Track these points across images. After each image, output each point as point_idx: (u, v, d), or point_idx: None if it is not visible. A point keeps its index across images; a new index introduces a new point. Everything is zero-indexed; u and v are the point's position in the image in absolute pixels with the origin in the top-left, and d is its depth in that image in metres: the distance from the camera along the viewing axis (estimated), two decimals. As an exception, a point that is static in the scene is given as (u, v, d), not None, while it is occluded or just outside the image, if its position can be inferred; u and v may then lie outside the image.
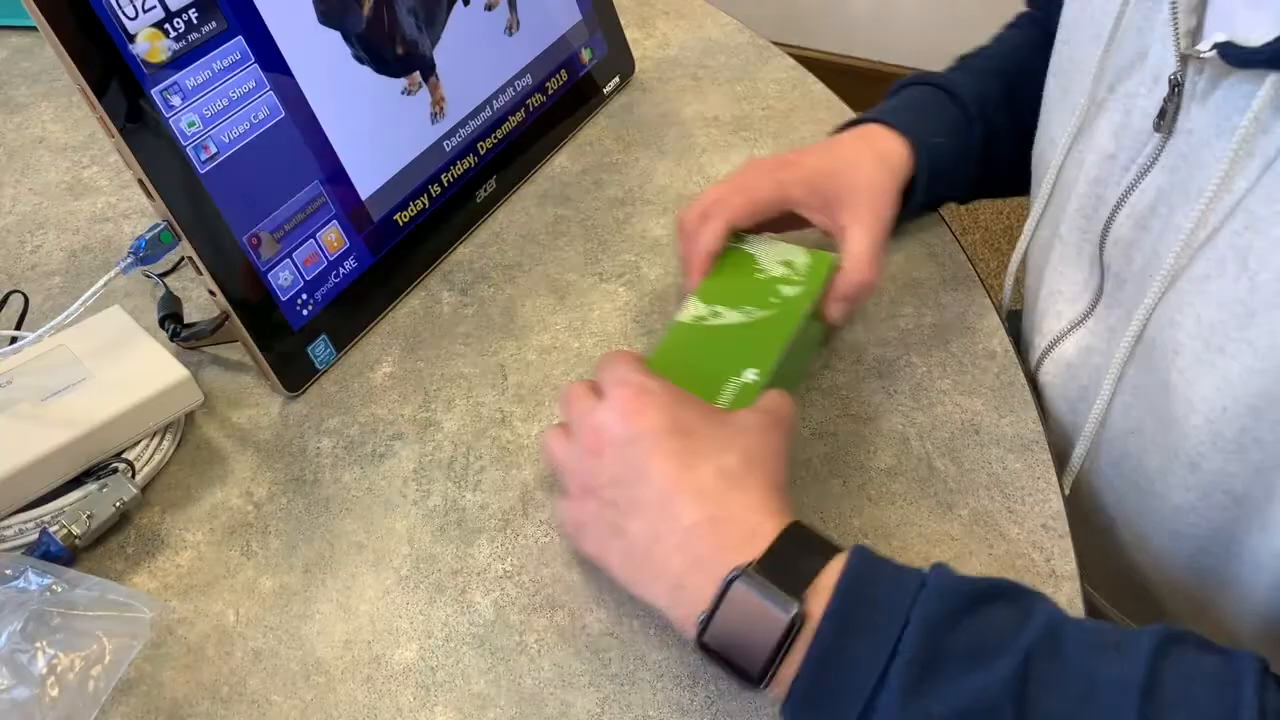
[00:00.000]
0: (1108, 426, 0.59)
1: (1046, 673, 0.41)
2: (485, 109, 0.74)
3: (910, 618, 0.42)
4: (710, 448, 0.48)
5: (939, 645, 0.42)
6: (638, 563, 0.48)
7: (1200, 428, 0.51)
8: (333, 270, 0.64)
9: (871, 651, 0.42)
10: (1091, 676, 0.41)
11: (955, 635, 0.42)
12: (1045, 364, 0.65)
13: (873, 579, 0.44)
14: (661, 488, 0.47)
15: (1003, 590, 0.44)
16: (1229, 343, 0.49)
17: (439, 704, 0.50)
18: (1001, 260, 1.92)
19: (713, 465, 0.47)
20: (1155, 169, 0.54)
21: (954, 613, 0.42)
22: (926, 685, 0.41)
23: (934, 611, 0.42)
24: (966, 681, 0.41)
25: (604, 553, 0.50)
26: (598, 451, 0.49)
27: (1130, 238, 0.56)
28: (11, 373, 0.58)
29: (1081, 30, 0.60)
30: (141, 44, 0.55)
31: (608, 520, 0.49)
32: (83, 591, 0.50)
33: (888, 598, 0.43)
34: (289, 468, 0.60)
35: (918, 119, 0.66)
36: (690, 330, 0.58)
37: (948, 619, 0.42)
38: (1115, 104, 0.57)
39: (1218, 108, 0.49)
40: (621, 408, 0.49)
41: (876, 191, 0.63)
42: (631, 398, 0.49)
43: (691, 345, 0.57)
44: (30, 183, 0.81)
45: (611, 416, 0.49)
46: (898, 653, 0.41)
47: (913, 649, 0.41)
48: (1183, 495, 0.55)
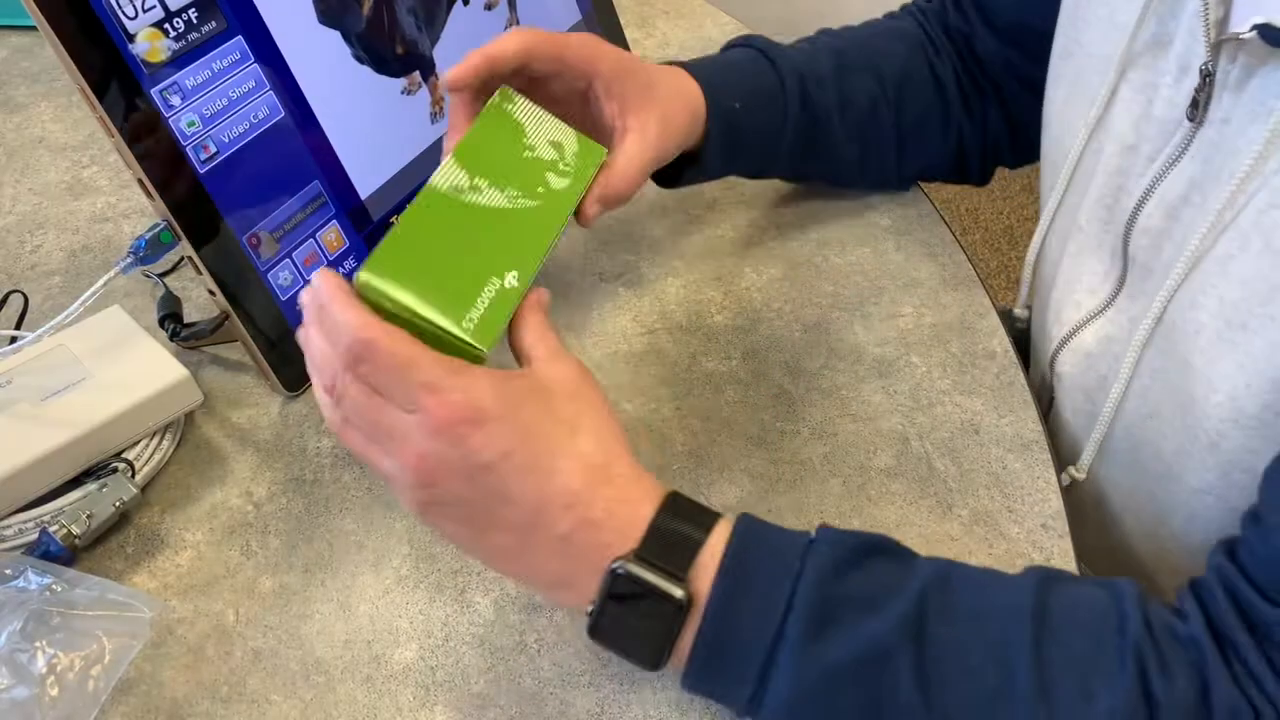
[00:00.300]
0: (1125, 412, 0.59)
1: (940, 609, 0.43)
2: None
3: (802, 572, 0.43)
4: (560, 438, 0.44)
5: (832, 596, 0.43)
6: (507, 563, 0.46)
7: (1222, 405, 0.51)
8: (333, 270, 0.64)
9: (766, 608, 0.43)
10: (983, 608, 0.44)
11: (847, 585, 0.44)
12: (1062, 354, 0.65)
13: (759, 542, 0.45)
14: (527, 506, 0.43)
15: (886, 546, 0.46)
16: (1251, 319, 0.49)
17: (439, 704, 0.50)
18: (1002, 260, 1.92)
19: (571, 461, 0.44)
20: (1185, 159, 0.54)
21: (843, 563, 0.44)
22: (826, 632, 0.42)
23: (824, 564, 0.44)
24: (864, 626, 0.43)
25: (467, 552, 0.48)
26: (430, 481, 0.42)
27: (1160, 228, 0.56)
28: (11, 372, 0.58)
29: (1092, 12, 0.59)
30: (141, 44, 0.55)
31: (461, 531, 0.45)
32: (82, 591, 0.50)
33: (777, 557, 0.44)
34: (289, 467, 0.60)
35: (723, 78, 0.64)
36: (445, 202, 0.49)
37: (837, 570, 0.44)
38: (1132, 94, 0.57)
39: (1253, 94, 0.49)
40: (453, 434, 0.41)
41: (669, 116, 0.59)
42: (462, 420, 0.41)
43: (445, 222, 0.48)
44: (30, 182, 0.81)
45: (442, 447, 0.42)
46: (792, 606, 0.43)
47: (807, 602, 0.43)
48: (1201, 477, 0.55)
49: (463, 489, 0.43)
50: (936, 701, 0.42)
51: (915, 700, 0.42)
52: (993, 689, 0.42)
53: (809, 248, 0.73)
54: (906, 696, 0.42)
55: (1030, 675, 0.42)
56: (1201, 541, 0.59)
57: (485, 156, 0.51)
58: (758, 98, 0.66)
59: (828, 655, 0.42)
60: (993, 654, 0.43)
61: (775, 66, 0.67)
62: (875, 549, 0.46)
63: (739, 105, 0.64)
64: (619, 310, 0.69)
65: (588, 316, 0.68)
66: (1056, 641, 0.43)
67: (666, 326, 0.68)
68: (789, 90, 0.67)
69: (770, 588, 0.43)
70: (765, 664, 0.43)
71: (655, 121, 0.58)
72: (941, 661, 0.43)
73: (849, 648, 0.42)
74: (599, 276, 0.71)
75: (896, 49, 0.71)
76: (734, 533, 0.45)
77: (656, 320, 0.68)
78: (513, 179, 0.51)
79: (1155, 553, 0.63)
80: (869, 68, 0.70)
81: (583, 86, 0.57)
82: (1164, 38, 0.55)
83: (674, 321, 0.68)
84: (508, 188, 0.50)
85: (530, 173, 0.52)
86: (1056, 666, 0.42)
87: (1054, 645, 0.43)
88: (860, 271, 0.71)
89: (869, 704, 0.43)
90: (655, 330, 0.67)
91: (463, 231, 0.48)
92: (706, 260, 0.72)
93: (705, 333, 0.67)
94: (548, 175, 0.52)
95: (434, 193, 0.49)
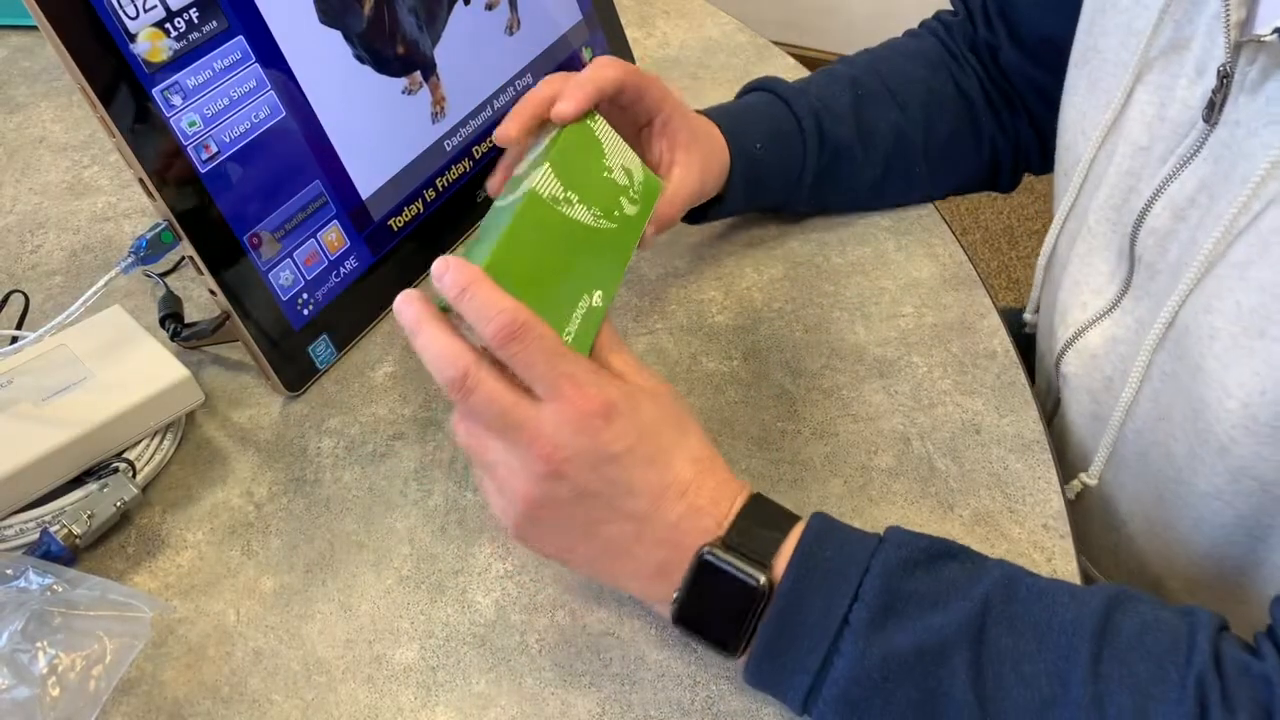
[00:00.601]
0: (1134, 415, 0.59)
1: (1003, 616, 0.44)
2: (486, 108, 0.74)
3: (870, 566, 0.45)
4: (673, 435, 0.48)
5: (898, 590, 0.45)
6: (612, 559, 0.48)
7: (1235, 412, 0.51)
8: (333, 270, 0.64)
9: (833, 598, 0.45)
10: (1047, 620, 0.44)
11: (914, 582, 0.45)
12: (1068, 355, 0.65)
13: (832, 537, 0.47)
14: (649, 497, 0.46)
15: (954, 550, 0.47)
16: (1270, 326, 0.49)
17: (440, 704, 0.50)
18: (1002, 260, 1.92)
19: (684, 456, 0.48)
20: (1197, 160, 0.54)
21: (912, 563, 0.46)
22: (889, 623, 0.44)
23: (892, 560, 0.45)
24: (927, 620, 0.44)
25: (565, 553, 0.48)
26: (560, 472, 0.44)
27: (1167, 228, 0.56)
28: (12, 372, 0.58)
29: (1110, 20, 0.59)
30: (142, 43, 0.55)
31: (574, 527, 0.47)
32: (83, 591, 0.50)
33: (847, 551, 0.46)
34: (290, 467, 0.60)
35: (744, 123, 0.68)
36: (545, 210, 0.50)
37: (906, 568, 0.45)
38: (1147, 96, 0.57)
39: (1268, 98, 0.49)
40: (589, 425, 0.44)
41: (708, 161, 0.64)
42: (597, 413, 0.44)
43: (545, 230, 0.49)
44: (31, 182, 0.81)
45: (576, 438, 0.44)
46: (859, 597, 0.45)
47: (874, 593, 0.44)
48: (1210, 481, 0.55)
49: (589, 480, 0.45)
50: (991, 705, 0.43)
51: (969, 699, 0.43)
52: (1046, 697, 0.43)
53: (810, 248, 0.73)
54: (962, 695, 0.43)
55: (1085, 688, 0.42)
56: (1209, 546, 0.58)
57: (575, 172, 0.52)
58: (776, 139, 0.68)
59: (889, 643, 0.44)
60: (1050, 665, 0.43)
61: (791, 108, 0.69)
62: (944, 553, 0.47)
63: (759, 147, 0.67)
64: (620, 310, 0.69)
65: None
66: (1118, 660, 0.43)
67: (667, 326, 0.68)
68: (806, 129, 0.69)
69: (839, 579, 0.45)
70: (829, 650, 0.44)
71: (697, 162, 0.62)
72: (999, 665, 0.43)
73: (910, 639, 0.44)
74: (600, 276, 0.71)
75: (917, 72, 0.72)
76: (809, 527, 0.47)
77: (657, 320, 0.68)
78: (596, 199, 0.53)
79: (1162, 556, 0.63)
80: (888, 94, 0.71)
81: (643, 122, 0.62)
82: (1181, 41, 0.55)
83: (675, 321, 0.68)
84: (592, 206, 0.52)
85: (609, 195, 0.54)
86: (1114, 683, 0.42)
87: (1115, 663, 0.43)
88: (861, 271, 0.71)
89: (924, 698, 0.44)
90: (656, 330, 0.67)
91: (559, 243, 0.50)
92: (707, 260, 0.72)
93: (706, 333, 0.67)
94: (621, 200, 0.54)
95: (537, 199, 0.50)
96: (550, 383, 0.44)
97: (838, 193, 0.72)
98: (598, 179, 0.53)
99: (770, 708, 0.49)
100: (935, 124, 0.72)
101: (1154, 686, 0.42)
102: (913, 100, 0.71)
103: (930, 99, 0.71)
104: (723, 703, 0.49)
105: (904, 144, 0.71)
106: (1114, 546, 0.66)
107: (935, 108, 0.72)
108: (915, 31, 0.77)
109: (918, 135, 0.71)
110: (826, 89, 0.71)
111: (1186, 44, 0.55)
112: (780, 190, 0.70)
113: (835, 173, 0.70)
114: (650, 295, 0.70)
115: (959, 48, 0.74)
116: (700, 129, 0.64)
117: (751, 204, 0.70)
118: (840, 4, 2.18)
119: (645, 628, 0.52)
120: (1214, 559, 0.59)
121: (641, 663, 0.51)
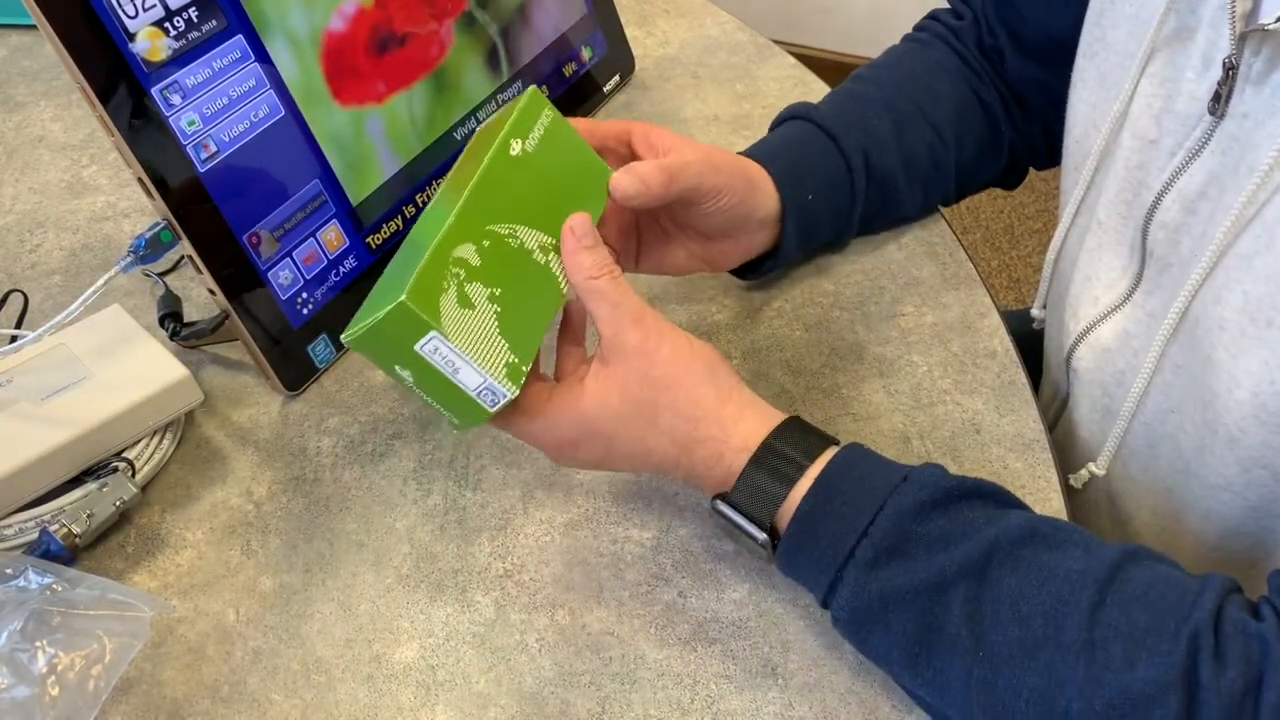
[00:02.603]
0: (1144, 408, 0.59)
1: (1009, 558, 0.45)
2: (491, 103, 0.74)
3: (885, 505, 0.47)
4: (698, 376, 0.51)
5: (908, 532, 0.46)
6: (652, 468, 0.52)
7: (1245, 402, 0.51)
8: (333, 269, 0.64)
9: (844, 530, 0.47)
10: (1055, 564, 0.45)
11: (926, 525, 0.47)
12: (1080, 349, 0.65)
13: (860, 467, 0.49)
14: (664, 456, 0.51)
15: (986, 491, 0.49)
16: (1278, 315, 0.49)
17: (440, 703, 0.50)
18: (1003, 260, 1.92)
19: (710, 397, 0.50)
20: (1205, 153, 0.54)
21: (929, 504, 0.47)
22: (891, 561, 0.46)
23: (908, 501, 0.47)
24: (929, 560, 0.46)
25: (602, 467, 0.53)
26: (571, 443, 0.51)
27: (1178, 221, 0.56)
28: (11, 372, 0.58)
29: (1119, 11, 0.59)
30: (141, 42, 0.54)
31: (611, 457, 0.52)
32: (83, 591, 0.50)
33: (867, 486, 0.48)
34: (289, 467, 0.60)
35: (795, 175, 0.65)
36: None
37: (921, 509, 0.47)
38: (1154, 88, 0.57)
39: (1274, 88, 0.49)
40: (567, 455, 0.52)
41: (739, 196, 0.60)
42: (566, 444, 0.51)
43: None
44: (30, 181, 0.81)
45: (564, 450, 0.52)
46: (867, 534, 0.47)
47: (882, 533, 0.46)
48: (1220, 473, 0.55)
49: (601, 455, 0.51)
50: (984, 639, 0.44)
51: (963, 633, 0.45)
52: (1039, 637, 0.44)
53: (810, 247, 0.73)
54: (955, 629, 0.45)
55: (1079, 631, 0.43)
56: (1218, 537, 0.58)
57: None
58: (828, 185, 0.66)
59: (888, 581, 0.46)
60: (1047, 606, 0.44)
61: (839, 145, 0.67)
62: (972, 492, 0.48)
63: (811, 198, 0.65)
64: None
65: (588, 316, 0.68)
66: (1120, 608, 0.43)
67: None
68: (854, 168, 0.67)
69: (853, 511, 0.47)
70: (834, 578, 0.47)
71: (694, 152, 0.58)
72: (996, 603, 0.45)
73: (908, 578, 0.46)
74: (599, 276, 0.71)
75: (943, 88, 0.71)
76: (837, 455, 0.49)
77: (657, 319, 0.68)
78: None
79: (1171, 548, 0.63)
80: (923, 116, 0.70)
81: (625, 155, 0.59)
82: (1186, 31, 0.55)
83: (675, 320, 0.67)
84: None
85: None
86: (1109, 630, 0.43)
87: (1113, 610, 0.43)
88: (861, 270, 0.71)
89: (920, 630, 0.46)
90: (656, 329, 0.67)
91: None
92: (707, 259, 0.72)
93: (706, 332, 0.67)
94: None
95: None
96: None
97: (882, 220, 0.72)
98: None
99: (770, 707, 0.49)
100: (965, 140, 0.71)
101: (1149, 637, 0.42)
102: (943, 119, 0.70)
103: (958, 115, 0.71)
104: (723, 702, 0.49)
105: (939, 164, 0.71)
106: (1122, 539, 0.66)
107: (963, 124, 0.71)
108: (922, 38, 0.76)
109: (950, 154, 0.71)
110: (866, 118, 0.68)
111: (1192, 35, 0.55)
112: (831, 231, 0.69)
113: (880, 203, 0.69)
114: (650, 295, 0.70)
115: (971, 53, 0.73)
116: (738, 163, 0.61)
117: (806, 249, 0.69)
118: (840, 3, 2.18)
119: (645, 628, 0.52)
120: (1224, 550, 0.59)
121: (641, 662, 0.51)
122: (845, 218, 0.68)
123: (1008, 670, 0.44)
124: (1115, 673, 0.42)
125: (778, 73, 0.89)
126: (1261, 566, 0.58)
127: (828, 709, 0.49)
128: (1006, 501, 0.49)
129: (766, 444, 0.49)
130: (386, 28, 0.65)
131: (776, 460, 0.49)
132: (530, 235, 0.51)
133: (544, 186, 0.52)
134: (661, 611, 0.53)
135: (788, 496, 0.49)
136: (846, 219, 0.68)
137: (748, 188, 0.61)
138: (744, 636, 0.52)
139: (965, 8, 0.75)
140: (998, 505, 0.48)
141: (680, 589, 0.54)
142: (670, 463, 0.51)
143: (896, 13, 2.14)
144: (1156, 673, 0.42)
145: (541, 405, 0.50)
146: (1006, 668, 0.44)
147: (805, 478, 0.49)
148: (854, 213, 0.68)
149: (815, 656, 0.51)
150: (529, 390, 0.50)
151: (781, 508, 0.49)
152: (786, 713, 0.49)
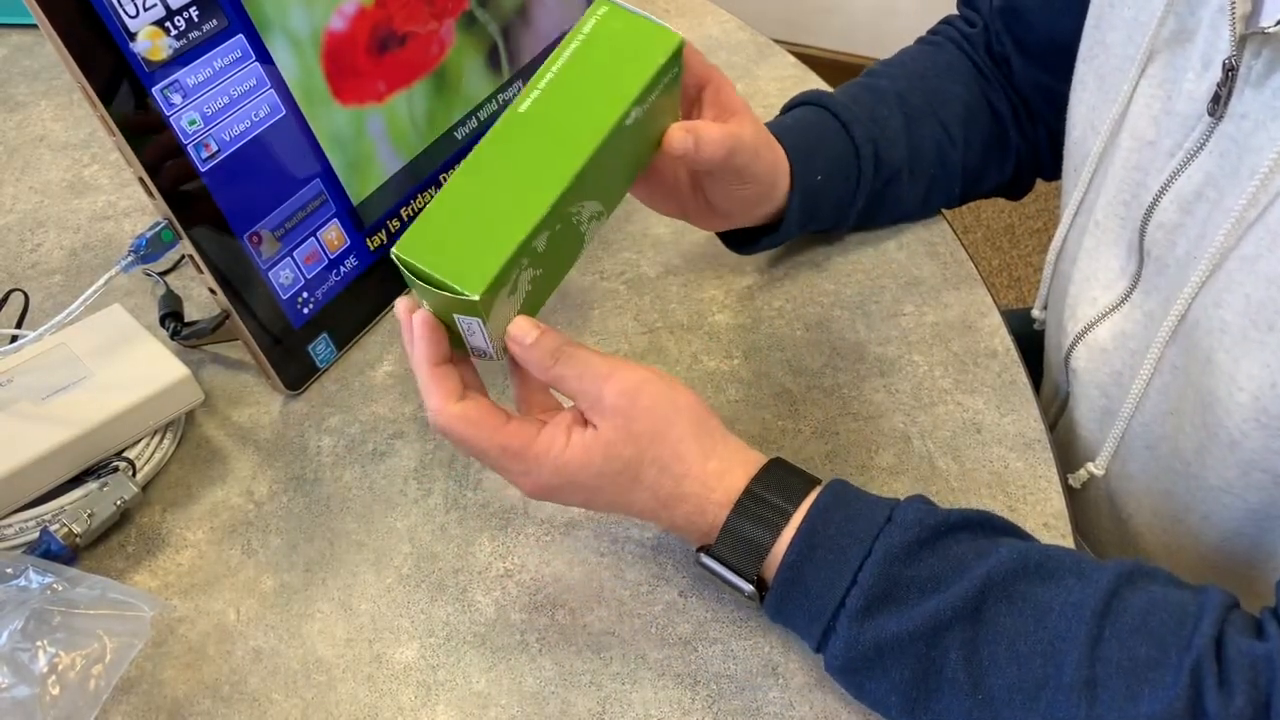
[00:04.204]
0: (1143, 409, 0.59)
1: (1004, 594, 0.45)
2: (491, 102, 0.74)
3: (872, 550, 0.46)
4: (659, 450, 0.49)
5: (898, 577, 0.46)
6: (635, 513, 0.51)
7: (1245, 405, 0.51)
8: (333, 268, 0.64)
9: (833, 579, 0.46)
10: (1051, 598, 0.45)
11: (915, 567, 0.46)
12: (1078, 349, 0.65)
13: (843, 509, 0.48)
14: (645, 508, 0.50)
15: (973, 522, 0.48)
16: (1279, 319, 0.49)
17: (440, 703, 0.50)
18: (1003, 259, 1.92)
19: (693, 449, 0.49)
20: (1203, 154, 0.54)
21: (917, 544, 0.46)
22: (884, 609, 0.45)
23: (895, 544, 0.46)
24: (923, 605, 0.45)
25: (585, 505, 0.52)
26: (551, 489, 0.49)
27: (1175, 222, 0.56)
28: (12, 371, 0.58)
29: (1117, 14, 0.59)
30: (142, 42, 0.54)
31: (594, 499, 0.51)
32: (83, 590, 0.50)
33: (852, 530, 0.47)
34: (290, 466, 0.60)
35: (807, 153, 0.65)
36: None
37: (909, 551, 0.46)
38: (1153, 89, 0.57)
39: (1274, 91, 0.49)
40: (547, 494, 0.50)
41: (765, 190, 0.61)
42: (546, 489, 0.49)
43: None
44: (31, 181, 0.81)
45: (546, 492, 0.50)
46: (856, 582, 0.46)
47: (871, 579, 0.46)
48: (1220, 475, 0.55)
49: (578, 496, 0.50)
50: (982, 682, 0.44)
51: (961, 678, 0.44)
52: (1039, 677, 0.43)
53: (810, 246, 0.73)
54: (953, 673, 0.45)
55: (1078, 669, 0.42)
56: (1218, 539, 0.58)
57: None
58: (836, 169, 0.66)
59: (882, 629, 0.45)
60: (1045, 645, 0.43)
61: (849, 133, 0.67)
62: (958, 525, 0.47)
63: (819, 179, 0.65)
64: (620, 309, 0.69)
65: (588, 315, 0.68)
66: (1116, 641, 0.43)
67: (668, 325, 0.68)
68: (863, 157, 0.67)
69: (840, 560, 0.46)
70: (826, 627, 0.47)
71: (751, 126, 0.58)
72: (993, 644, 0.44)
73: (903, 624, 0.45)
74: (600, 275, 0.71)
75: (955, 89, 0.71)
76: (821, 495, 0.48)
77: (658, 319, 0.68)
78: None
79: (1170, 549, 0.63)
80: (933, 114, 0.70)
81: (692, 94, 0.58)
82: (1186, 33, 0.55)
83: (675, 320, 0.68)
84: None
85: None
86: (1109, 665, 0.42)
87: (1112, 644, 0.43)
88: (861, 270, 0.71)
89: (917, 676, 0.45)
90: (656, 329, 0.67)
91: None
92: (708, 259, 0.72)
93: (706, 331, 0.67)
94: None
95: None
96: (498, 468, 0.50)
97: (883, 214, 0.72)
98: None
99: (770, 707, 0.49)
100: (972, 142, 0.71)
101: (1150, 671, 0.42)
102: (953, 119, 0.70)
103: (968, 117, 0.71)
104: (723, 702, 0.49)
105: (946, 163, 0.71)
106: (1121, 540, 0.66)
107: (972, 126, 0.71)
108: (936, 41, 0.76)
109: (957, 154, 0.71)
110: (879, 110, 0.69)
111: (1191, 36, 0.55)
112: (830, 218, 0.69)
113: (884, 197, 0.69)
114: (650, 294, 0.70)
115: (982, 59, 0.73)
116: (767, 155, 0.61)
117: (803, 231, 0.68)
118: (840, 3, 2.18)
119: (645, 628, 0.52)
120: (1223, 552, 0.59)
121: (642, 661, 0.51)
122: (846, 205, 0.68)
123: (1008, 713, 0.44)
124: (1119, 710, 0.42)
125: (778, 72, 0.89)
126: (1261, 569, 0.58)
127: (828, 709, 0.49)
128: (995, 529, 0.48)
129: (749, 490, 0.49)
130: (387, 27, 0.65)
131: (759, 507, 0.48)
132: (591, 206, 0.49)
133: (630, 155, 0.50)
134: (661, 611, 0.53)
135: (773, 546, 0.48)
136: (847, 207, 0.68)
137: (773, 181, 0.62)
138: (744, 636, 0.52)
139: (976, 15, 0.75)
140: (987, 535, 0.48)
141: (680, 589, 0.54)
142: (651, 515, 0.50)
143: (897, 13, 2.14)
144: (1161, 706, 0.41)
145: (525, 448, 0.48)
146: (1007, 710, 0.44)
147: (790, 525, 0.48)
148: (855, 201, 0.68)
149: (815, 657, 0.51)
150: (513, 431, 0.48)
151: (767, 558, 0.48)
152: (786, 713, 0.49)
